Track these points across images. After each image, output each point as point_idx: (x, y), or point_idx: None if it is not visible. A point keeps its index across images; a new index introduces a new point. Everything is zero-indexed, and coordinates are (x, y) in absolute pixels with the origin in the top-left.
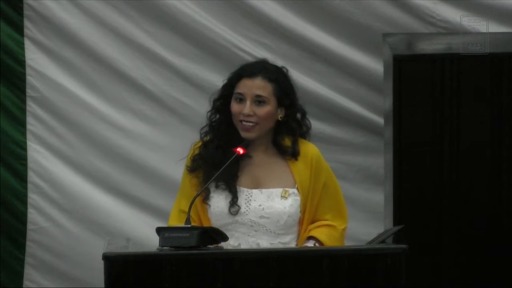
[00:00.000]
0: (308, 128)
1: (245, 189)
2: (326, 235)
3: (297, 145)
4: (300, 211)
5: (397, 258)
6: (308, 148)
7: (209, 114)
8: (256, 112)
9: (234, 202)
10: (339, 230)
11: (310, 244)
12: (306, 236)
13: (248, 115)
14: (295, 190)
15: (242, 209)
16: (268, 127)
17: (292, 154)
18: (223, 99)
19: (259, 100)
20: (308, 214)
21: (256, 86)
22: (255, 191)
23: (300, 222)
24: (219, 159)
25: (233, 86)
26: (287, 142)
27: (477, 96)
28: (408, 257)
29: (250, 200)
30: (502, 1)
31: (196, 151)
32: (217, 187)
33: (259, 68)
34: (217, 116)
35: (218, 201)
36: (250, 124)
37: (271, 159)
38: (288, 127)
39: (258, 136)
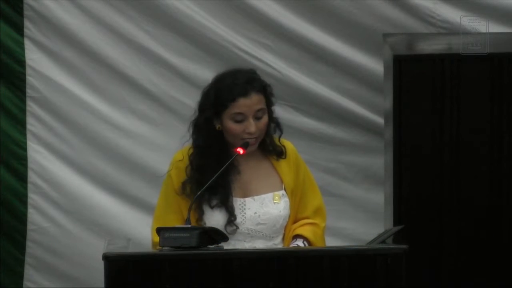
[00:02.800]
0: (278, 118)
1: (238, 199)
2: (311, 232)
3: (280, 143)
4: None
5: (397, 258)
6: (287, 146)
7: (193, 136)
8: (258, 127)
9: (231, 220)
10: (321, 227)
11: (299, 242)
12: (291, 235)
13: (253, 132)
14: (283, 192)
15: (238, 220)
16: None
17: (277, 153)
18: (210, 120)
19: (259, 115)
20: (293, 212)
21: (254, 102)
22: (248, 199)
23: None
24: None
25: (226, 106)
26: (270, 140)
27: (477, 96)
28: (408, 257)
29: (244, 209)
30: (502, 1)
31: (181, 167)
32: (212, 208)
33: (247, 83)
34: (207, 138)
35: (213, 214)
36: (254, 139)
37: (256, 161)
38: (270, 126)
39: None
